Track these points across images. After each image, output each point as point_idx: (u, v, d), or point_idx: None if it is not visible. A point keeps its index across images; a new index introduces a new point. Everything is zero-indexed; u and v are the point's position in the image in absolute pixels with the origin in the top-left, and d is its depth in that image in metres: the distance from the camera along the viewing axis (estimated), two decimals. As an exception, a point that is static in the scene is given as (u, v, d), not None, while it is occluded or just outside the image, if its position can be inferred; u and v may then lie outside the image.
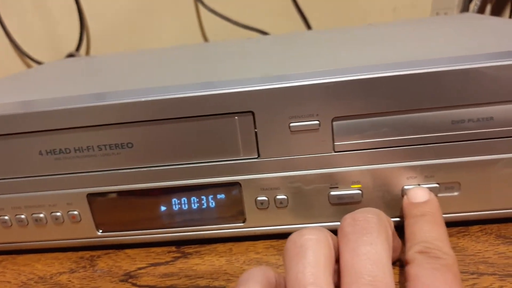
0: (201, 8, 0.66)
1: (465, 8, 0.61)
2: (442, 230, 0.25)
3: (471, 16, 0.47)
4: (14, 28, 0.68)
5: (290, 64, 0.32)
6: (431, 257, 0.22)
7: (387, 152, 0.27)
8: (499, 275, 0.25)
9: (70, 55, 0.69)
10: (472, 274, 0.26)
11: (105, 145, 0.28)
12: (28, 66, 0.71)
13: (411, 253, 0.23)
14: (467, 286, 0.25)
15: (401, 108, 0.26)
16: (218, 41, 0.68)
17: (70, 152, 0.29)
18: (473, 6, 0.61)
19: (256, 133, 0.27)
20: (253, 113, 0.27)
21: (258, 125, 0.27)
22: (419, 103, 0.26)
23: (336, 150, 0.27)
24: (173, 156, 0.28)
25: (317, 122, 0.26)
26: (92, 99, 0.28)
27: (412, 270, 0.22)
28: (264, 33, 0.66)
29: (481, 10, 0.66)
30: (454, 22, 0.43)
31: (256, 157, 0.28)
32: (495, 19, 0.41)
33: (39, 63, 0.69)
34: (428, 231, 0.25)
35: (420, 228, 0.25)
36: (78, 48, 0.69)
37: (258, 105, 0.26)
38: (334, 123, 0.27)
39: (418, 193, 0.28)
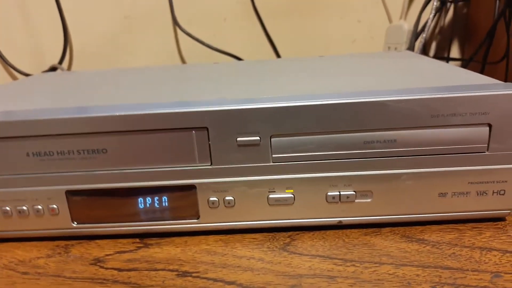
0: (178, 31, 0.73)
1: (411, 45, 0.70)
2: None
3: (409, 55, 0.55)
4: (0, 39, 0.73)
5: (241, 90, 0.38)
6: None
7: (314, 164, 0.34)
8: (395, 264, 0.32)
9: (53, 68, 0.74)
10: (375, 263, 0.32)
11: (83, 150, 0.34)
12: (12, 75, 0.76)
13: None
14: (370, 272, 0.31)
15: (324, 130, 0.33)
16: (191, 63, 0.75)
17: (53, 154, 0.34)
18: (418, 43, 0.69)
19: (209, 145, 0.33)
20: (207, 129, 0.33)
21: (211, 138, 0.33)
22: (338, 126, 0.33)
23: (273, 161, 0.34)
24: (140, 161, 0.34)
25: (258, 138, 0.33)
26: (75, 112, 0.33)
27: None
28: (236, 57, 0.73)
29: (427, 47, 0.75)
30: (389, 60, 0.51)
31: (209, 164, 0.34)
32: (425, 59, 0.49)
33: (22, 73, 0.73)
34: None
35: None
36: (61, 61, 0.74)
37: (212, 122, 0.33)
38: (272, 139, 0.33)
39: None
